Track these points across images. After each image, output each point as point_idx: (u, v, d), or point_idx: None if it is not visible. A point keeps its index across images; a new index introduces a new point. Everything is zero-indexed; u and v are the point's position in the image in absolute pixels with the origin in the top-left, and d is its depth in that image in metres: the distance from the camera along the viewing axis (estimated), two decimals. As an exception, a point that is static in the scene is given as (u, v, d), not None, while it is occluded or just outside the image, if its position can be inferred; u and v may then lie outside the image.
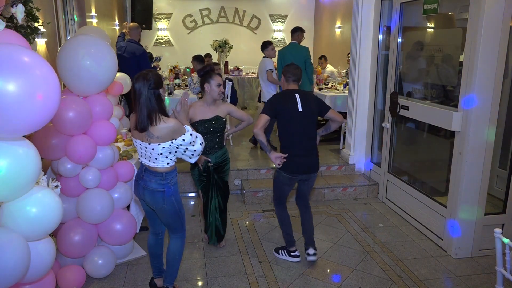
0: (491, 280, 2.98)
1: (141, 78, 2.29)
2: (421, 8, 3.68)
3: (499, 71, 3.03)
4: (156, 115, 2.28)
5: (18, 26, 2.94)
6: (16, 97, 1.39)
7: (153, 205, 2.52)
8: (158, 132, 2.28)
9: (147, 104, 2.27)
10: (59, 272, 2.73)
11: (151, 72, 2.34)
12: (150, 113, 2.27)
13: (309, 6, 11.19)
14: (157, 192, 2.45)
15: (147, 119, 2.27)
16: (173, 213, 2.54)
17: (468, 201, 3.23)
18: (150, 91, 2.29)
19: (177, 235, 2.65)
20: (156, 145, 2.33)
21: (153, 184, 2.45)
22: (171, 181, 2.48)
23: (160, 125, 2.27)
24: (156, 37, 10.73)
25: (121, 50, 5.21)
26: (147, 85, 2.28)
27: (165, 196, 2.46)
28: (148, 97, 2.28)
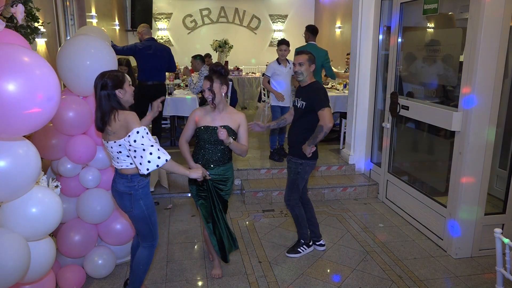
0: (491, 280, 2.98)
1: (97, 78, 2.24)
2: (421, 8, 3.68)
3: (499, 71, 3.03)
4: (111, 115, 2.22)
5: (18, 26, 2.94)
6: (16, 97, 1.39)
7: (121, 208, 2.44)
8: (112, 127, 2.23)
9: (100, 104, 2.23)
10: (59, 272, 2.74)
11: (109, 72, 2.26)
12: (103, 114, 2.23)
13: (309, 6, 11.19)
14: (124, 194, 2.36)
15: (100, 120, 2.24)
16: (141, 218, 2.41)
17: (468, 201, 3.23)
18: (104, 91, 2.22)
19: (145, 243, 2.51)
20: (112, 142, 2.26)
21: (120, 186, 2.36)
22: (139, 183, 2.35)
23: (115, 121, 2.21)
24: (156, 37, 10.72)
25: (151, 49, 5.15)
26: (103, 84, 2.22)
27: (132, 200, 2.35)
28: (101, 97, 2.22)
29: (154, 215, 2.48)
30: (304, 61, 3.02)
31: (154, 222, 2.48)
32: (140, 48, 5.11)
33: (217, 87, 2.68)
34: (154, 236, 2.53)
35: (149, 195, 2.44)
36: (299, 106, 3.15)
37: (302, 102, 3.10)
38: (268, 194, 4.44)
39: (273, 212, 4.20)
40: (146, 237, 2.51)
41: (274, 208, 4.28)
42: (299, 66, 3.03)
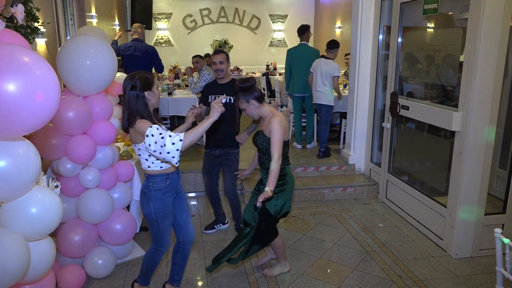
0: (491, 280, 2.98)
1: (127, 79, 2.28)
2: (421, 8, 3.68)
3: (499, 71, 3.03)
4: (135, 118, 2.25)
5: (18, 26, 2.94)
6: (16, 97, 1.39)
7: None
8: (134, 131, 2.28)
9: (128, 105, 2.27)
10: (59, 272, 2.73)
11: (140, 74, 2.30)
12: (130, 115, 2.27)
13: (309, 6, 11.20)
14: (142, 191, 2.45)
15: (127, 121, 2.27)
16: (149, 219, 2.45)
17: (468, 201, 3.23)
18: (133, 92, 2.26)
19: (153, 244, 2.55)
20: (134, 145, 2.35)
21: (143, 183, 2.46)
22: (154, 186, 2.38)
23: (133, 126, 2.26)
24: (156, 37, 10.74)
25: (130, 50, 5.15)
26: (130, 86, 2.26)
27: (145, 199, 2.41)
28: (129, 99, 2.26)
29: (164, 221, 2.45)
30: (223, 60, 3.32)
31: (161, 229, 2.47)
32: (121, 49, 5.15)
33: (244, 104, 2.73)
34: (160, 242, 2.51)
35: (162, 201, 2.40)
36: (226, 101, 3.30)
37: (229, 97, 3.30)
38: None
39: (273, 212, 4.19)
40: (153, 239, 2.53)
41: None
42: (220, 64, 3.28)
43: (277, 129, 2.61)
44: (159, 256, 2.57)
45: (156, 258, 2.58)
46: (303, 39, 5.42)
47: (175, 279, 2.73)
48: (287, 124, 2.74)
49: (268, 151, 2.69)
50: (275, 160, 2.60)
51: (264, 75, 8.78)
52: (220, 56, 3.32)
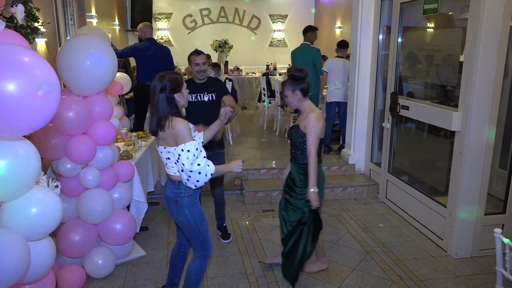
0: (491, 280, 2.98)
1: (157, 80, 2.18)
2: (421, 8, 3.68)
3: (499, 71, 3.03)
4: (167, 120, 2.15)
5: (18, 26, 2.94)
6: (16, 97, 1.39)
7: (170, 214, 2.39)
8: (164, 133, 2.17)
9: (158, 107, 2.16)
10: (59, 272, 2.73)
11: (169, 74, 2.19)
12: (160, 118, 2.15)
13: (309, 6, 11.19)
14: (171, 200, 2.31)
15: (156, 124, 2.17)
16: (188, 227, 2.34)
17: (468, 201, 3.23)
18: (163, 94, 2.16)
19: (197, 253, 2.43)
20: (163, 148, 2.22)
21: (169, 191, 2.32)
22: (186, 191, 2.27)
23: (168, 128, 2.15)
24: (156, 37, 10.73)
25: (151, 49, 5.11)
26: (160, 87, 2.16)
27: (178, 207, 2.30)
28: (160, 101, 2.16)
29: (203, 225, 2.36)
30: (205, 60, 3.28)
31: (204, 232, 2.37)
32: (139, 48, 5.10)
33: (288, 92, 2.69)
34: (206, 247, 2.41)
35: (196, 205, 2.34)
36: (208, 99, 3.30)
37: (211, 94, 3.31)
38: (268, 194, 4.44)
39: (273, 212, 4.20)
40: (195, 247, 2.42)
41: (274, 208, 4.27)
42: (203, 65, 3.24)
43: (315, 126, 2.61)
44: (207, 262, 2.46)
45: (205, 265, 2.46)
46: (305, 39, 5.48)
47: (174, 282, 2.69)
48: (324, 121, 2.72)
49: (301, 146, 2.71)
50: (313, 157, 2.61)
51: (264, 75, 8.78)
52: (202, 56, 3.22)
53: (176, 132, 2.12)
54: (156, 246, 3.46)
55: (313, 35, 5.48)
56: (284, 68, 10.31)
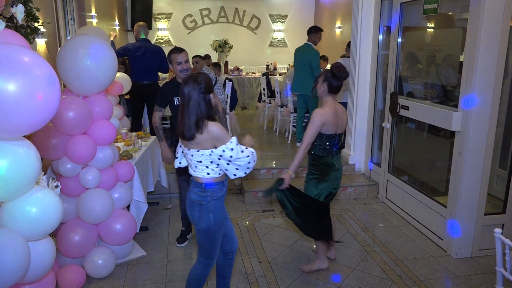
0: (491, 280, 2.98)
1: (191, 81, 2.10)
2: (421, 8, 3.68)
3: (499, 71, 3.03)
4: (203, 123, 2.09)
5: (18, 26, 2.94)
6: (16, 97, 1.39)
7: (190, 219, 2.31)
8: (198, 138, 2.10)
9: (196, 110, 2.08)
10: (59, 272, 2.73)
11: (201, 75, 2.14)
12: (198, 120, 2.08)
13: (309, 6, 11.20)
14: (195, 204, 2.24)
15: (195, 127, 2.08)
16: (206, 233, 2.27)
17: (468, 201, 3.23)
18: (201, 96, 2.09)
19: (201, 259, 2.36)
20: (195, 151, 2.15)
21: (193, 194, 2.24)
22: (213, 194, 2.22)
23: (204, 131, 2.09)
24: (156, 37, 10.74)
25: (141, 50, 5.12)
26: (197, 89, 2.09)
27: (202, 211, 2.22)
28: (198, 103, 2.09)
29: (220, 233, 2.31)
30: (187, 58, 3.16)
31: (216, 240, 2.32)
32: (130, 49, 5.13)
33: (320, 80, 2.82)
34: (212, 255, 2.35)
35: (221, 211, 2.29)
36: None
37: None
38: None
39: (273, 212, 4.20)
40: (203, 253, 2.34)
41: (274, 208, 4.28)
42: (186, 63, 3.13)
43: (314, 120, 2.76)
44: (209, 270, 2.40)
45: (207, 273, 2.40)
46: (308, 39, 5.47)
47: None
48: (333, 118, 2.79)
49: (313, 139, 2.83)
50: (302, 145, 2.79)
51: (264, 75, 8.78)
52: (184, 54, 3.08)
53: (215, 137, 2.10)
54: (156, 246, 3.46)
55: (316, 36, 5.45)
56: (284, 68, 10.31)
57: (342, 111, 2.88)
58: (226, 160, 2.13)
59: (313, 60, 5.32)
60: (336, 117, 2.81)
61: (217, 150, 2.11)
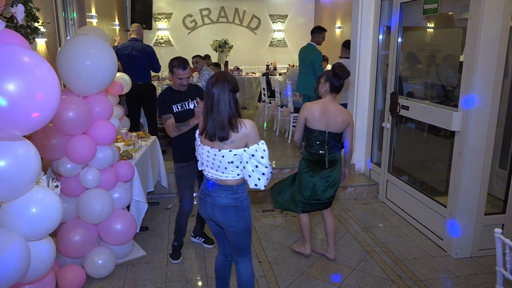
0: (491, 280, 2.98)
1: (220, 81, 2.05)
2: (421, 8, 3.68)
3: (499, 71, 3.03)
4: (236, 121, 2.05)
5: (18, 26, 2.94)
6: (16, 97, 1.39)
7: (224, 224, 2.22)
8: (233, 136, 2.05)
9: (228, 109, 2.04)
10: (59, 272, 2.73)
11: (228, 74, 2.10)
12: (231, 119, 2.03)
13: (309, 6, 11.20)
14: (230, 208, 2.17)
15: (229, 126, 2.04)
16: (245, 230, 2.24)
17: (468, 201, 3.23)
18: (230, 94, 2.05)
19: (246, 257, 2.33)
20: (227, 151, 2.07)
21: (223, 199, 2.16)
22: (243, 194, 2.20)
23: (238, 130, 2.05)
24: (156, 37, 10.74)
25: (128, 49, 5.14)
26: (228, 88, 2.04)
27: (239, 212, 2.18)
28: (229, 102, 2.04)
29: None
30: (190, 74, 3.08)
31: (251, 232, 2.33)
32: (118, 48, 5.15)
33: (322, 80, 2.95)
34: (250, 247, 2.36)
35: (250, 204, 2.28)
36: (194, 106, 3.08)
37: (195, 101, 3.05)
38: (268, 194, 4.43)
39: (273, 212, 4.20)
40: (247, 250, 2.31)
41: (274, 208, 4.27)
42: (187, 79, 3.04)
43: (300, 113, 2.99)
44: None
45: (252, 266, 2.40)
46: (311, 39, 5.47)
47: None
48: (319, 113, 2.90)
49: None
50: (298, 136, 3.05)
51: (264, 75, 8.78)
52: (188, 71, 3.00)
53: (249, 134, 2.06)
54: (156, 246, 3.46)
55: (320, 36, 5.44)
56: (284, 68, 10.31)
57: (337, 111, 2.91)
58: (256, 162, 2.07)
59: (315, 60, 5.31)
60: (324, 114, 2.88)
61: (249, 150, 2.06)
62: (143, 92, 5.17)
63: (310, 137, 2.99)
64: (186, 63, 3.00)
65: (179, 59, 2.99)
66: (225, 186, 2.16)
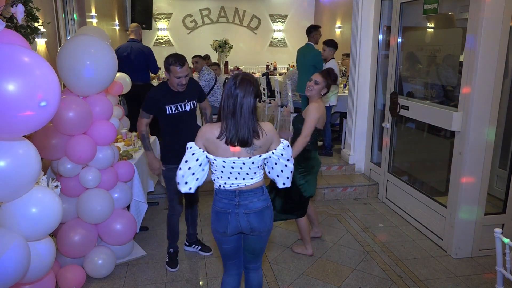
0: (491, 280, 2.98)
1: (245, 83, 1.89)
2: (421, 8, 3.68)
3: (499, 71, 3.03)
4: (259, 125, 1.95)
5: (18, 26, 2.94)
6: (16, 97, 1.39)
7: (260, 228, 2.08)
8: (261, 141, 1.95)
9: (251, 114, 1.91)
10: (59, 272, 2.74)
11: (253, 77, 1.96)
12: (254, 126, 1.92)
13: (309, 6, 11.20)
14: (265, 209, 2.08)
15: (252, 132, 1.91)
16: (269, 232, 2.16)
17: (468, 201, 3.23)
18: (254, 99, 1.91)
19: (260, 262, 2.25)
20: (257, 157, 1.97)
21: (257, 203, 2.05)
22: (266, 192, 2.13)
23: (263, 134, 1.96)
24: (156, 37, 10.73)
25: (126, 50, 5.16)
26: (253, 92, 1.90)
27: (271, 212, 2.12)
28: (252, 107, 1.91)
29: None
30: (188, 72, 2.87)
31: None
32: (117, 50, 5.15)
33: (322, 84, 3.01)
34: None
35: None
36: (190, 108, 2.90)
37: (192, 101, 2.93)
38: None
39: (273, 212, 4.19)
40: (261, 255, 2.23)
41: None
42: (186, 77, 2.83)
43: (313, 113, 2.95)
44: None
45: None
46: (309, 39, 5.42)
47: None
48: (324, 114, 3.04)
49: (299, 132, 2.98)
50: (302, 136, 2.94)
51: (264, 75, 8.78)
52: (186, 68, 2.75)
53: (273, 135, 2.00)
54: (156, 246, 3.46)
55: (317, 34, 5.41)
56: (284, 68, 10.31)
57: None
58: (285, 161, 2.03)
59: (316, 62, 5.24)
60: (323, 114, 3.07)
61: (277, 151, 2.01)
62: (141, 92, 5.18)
63: (318, 137, 3.10)
64: (184, 59, 2.74)
65: (176, 56, 2.73)
66: (255, 189, 2.06)
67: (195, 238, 3.40)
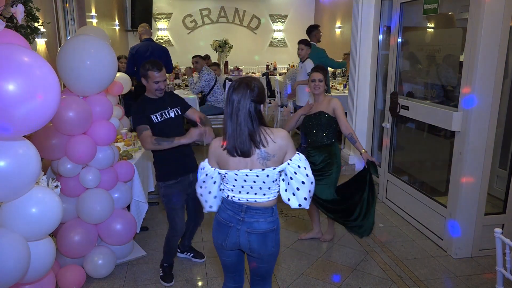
0: (491, 280, 2.98)
1: (242, 87, 1.76)
2: (421, 8, 3.68)
3: (499, 71, 3.03)
4: (262, 132, 1.78)
5: (18, 26, 2.94)
6: (16, 97, 1.39)
7: (260, 251, 1.93)
8: (272, 149, 1.77)
9: (248, 121, 1.75)
10: (59, 272, 2.74)
11: (255, 80, 1.81)
12: (252, 133, 1.75)
13: (309, 6, 11.20)
14: (269, 232, 1.91)
15: (249, 141, 1.75)
16: (277, 254, 2.00)
17: (468, 201, 3.23)
18: (252, 104, 1.76)
19: (268, 284, 2.08)
20: (271, 169, 1.79)
21: (263, 224, 1.89)
22: (277, 215, 1.96)
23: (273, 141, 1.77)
24: (156, 37, 10.73)
25: (148, 50, 5.13)
26: (250, 96, 1.75)
27: (275, 235, 1.94)
28: (249, 112, 1.75)
29: None
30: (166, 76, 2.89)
31: None
32: (137, 49, 5.14)
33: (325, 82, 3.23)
34: None
35: None
36: (174, 114, 2.81)
37: (175, 108, 2.82)
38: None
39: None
40: (270, 277, 2.07)
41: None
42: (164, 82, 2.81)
43: (342, 108, 3.18)
44: None
45: None
46: (311, 39, 5.44)
47: None
48: None
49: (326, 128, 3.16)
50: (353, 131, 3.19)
51: (264, 75, 8.78)
52: (164, 72, 2.75)
53: (289, 143, 1.80)
54: (156, 246, 3.46)
55: (318, 33, 5.45)
56: (284, 68, 10.32)
57: None
58: (303, 177, 1.80)
59: (324, 60, 5.26)
60: None
61: (293, 162, 1.80)
62: None
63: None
64: (161, 65, 2.73)
65: (152, 61, 2.73)
66: (264, 208, 1.88)
67: (188, 247, 3.30)
